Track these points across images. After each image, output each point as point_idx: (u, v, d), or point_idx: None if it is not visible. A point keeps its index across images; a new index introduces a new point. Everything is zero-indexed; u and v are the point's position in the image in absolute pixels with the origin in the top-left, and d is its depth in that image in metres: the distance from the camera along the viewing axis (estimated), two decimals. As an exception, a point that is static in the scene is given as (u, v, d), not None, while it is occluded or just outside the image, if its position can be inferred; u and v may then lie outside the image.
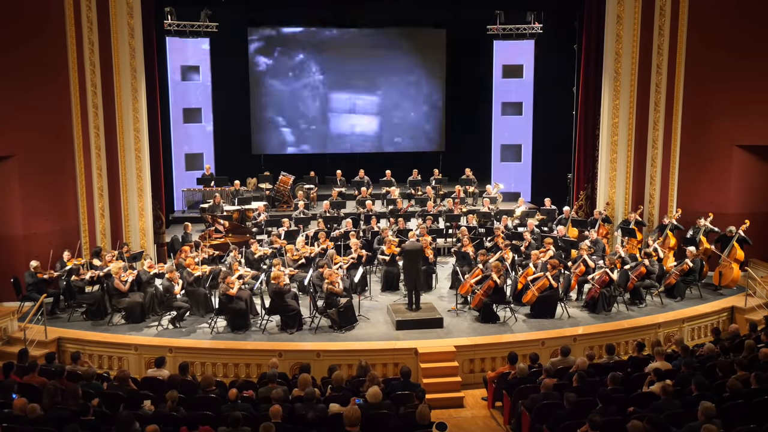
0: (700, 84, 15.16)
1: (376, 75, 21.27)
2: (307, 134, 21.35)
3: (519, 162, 20.56)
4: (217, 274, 12.66)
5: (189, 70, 19.58)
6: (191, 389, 8.98)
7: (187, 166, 19.63)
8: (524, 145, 20.49)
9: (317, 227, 15.67)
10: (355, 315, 12.32)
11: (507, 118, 20.60)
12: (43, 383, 8.70)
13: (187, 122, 19.66)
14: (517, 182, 20.33)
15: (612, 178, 16.08)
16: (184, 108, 19.56)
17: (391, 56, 21.19)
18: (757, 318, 12.14)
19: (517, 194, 19.18)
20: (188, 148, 19.71)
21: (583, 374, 8.95)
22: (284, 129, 21.22)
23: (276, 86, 20.94)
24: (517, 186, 20.16)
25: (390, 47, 21.15)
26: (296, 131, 21.29)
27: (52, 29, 13.70)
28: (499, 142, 20.69)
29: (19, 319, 12.30)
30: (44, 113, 13.68)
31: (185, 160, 19.60)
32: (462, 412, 10.47)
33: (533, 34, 19.89)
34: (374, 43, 21.09)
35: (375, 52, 21.11)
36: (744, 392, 8.18)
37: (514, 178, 20.37)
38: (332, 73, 21.12)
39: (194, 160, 19.76)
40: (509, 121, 20.57)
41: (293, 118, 21.20)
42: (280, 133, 21.22)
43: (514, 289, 13.13)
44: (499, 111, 20.59)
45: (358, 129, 21.51)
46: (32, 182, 13.65)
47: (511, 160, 20.61)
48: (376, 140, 21.61)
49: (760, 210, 15.09)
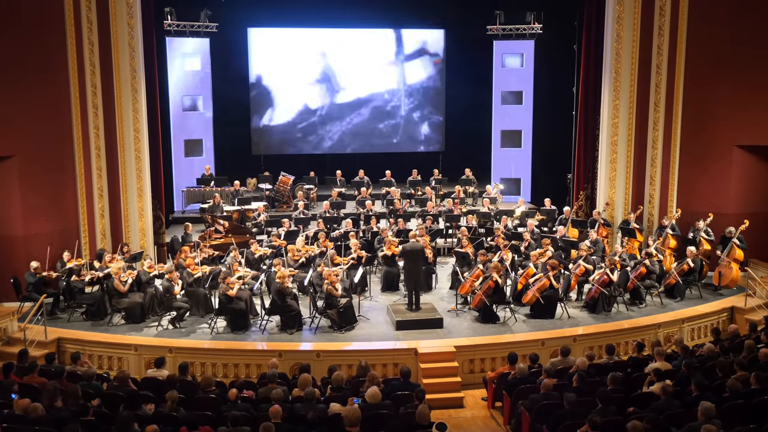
0: (700, 84, 15.15)
1: (376, 75, 21.25)
2: (307, 134, 21.33)
3: (518, 161, 20.55)
4: (217, 275, 12.66)
5: (189, 70, 19.57)
6: (191, 389, 8.98)
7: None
8: (524, 145, 20.48)
9: (317, 227, 15.67)
10: (355, 315, 12.32)
11: (507, 118, 20.58)
12: (43, 383, 8.70)
13: (187, 121, 19.65)
14: (517, 175, 20.35)
15: (612, 178, 16.07)
16: (184, 109, 19.56)
17: (391, 56, 21.20)
18: (757, 318, 12.13)
19: (517, 181, 19.11)
20: (188, 147, 19.70)
21: (583, 374, 8.95)
22: (284, 129, 21.20)
23: (276, 86, 20.93)
24: (516, 184, 20.16)
25: (390, 47, 21.16)
26: (296, 131, 21.28)
27: (52, 30, 13.69)
28: (499, 142, 20.69)
29: (19, 319, 12.30)
30: (44, 113, 13.67)
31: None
32: (462, 412, 10.47)
33: (533, 34, 19.89)
34: (374, 43, 21.10)
35: (375, 51, 21.12)
36: (744, 392, 8.18)
37: (513, 172, 20.41)
38: (332, 73, 21.10)
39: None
40: (509, 121, 20.56)
41: (293, 118, 21.19)
42: (280, 133, 21.21)
43: (514, 289, 13.13)
44: (500, 111, 20.58)
45: (358, 129, 21.51)
46: (32, 182, 13.64)
47: (511, 159, 20.58)
48: (376, 140, 21.60)
49: (760, 210, 15.08)
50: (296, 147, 21.38)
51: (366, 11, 19.77)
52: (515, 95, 20.54)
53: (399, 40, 21.16)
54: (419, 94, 21.56)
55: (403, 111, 21.58)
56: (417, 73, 21.40)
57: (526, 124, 20.38)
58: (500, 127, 20.63)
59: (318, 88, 21.15)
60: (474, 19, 20.16)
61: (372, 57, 21.13)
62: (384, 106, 21.50)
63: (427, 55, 21.36)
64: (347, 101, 21.32)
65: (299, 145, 21.37)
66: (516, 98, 20.53)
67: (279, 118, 21.10)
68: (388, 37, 21.12)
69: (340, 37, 20.96)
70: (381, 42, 21.12)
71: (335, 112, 21.32)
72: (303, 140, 21.36)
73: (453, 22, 20.86)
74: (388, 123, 21.58)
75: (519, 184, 20.35)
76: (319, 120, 21.32)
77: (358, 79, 21.20)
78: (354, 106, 21.36)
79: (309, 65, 20.97)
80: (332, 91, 21.24)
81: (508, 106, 20.58)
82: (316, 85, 21.13)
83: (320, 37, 20.86)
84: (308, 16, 19.91)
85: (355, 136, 21.53)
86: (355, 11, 19.70)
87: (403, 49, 21.23)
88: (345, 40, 21.02)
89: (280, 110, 21.08)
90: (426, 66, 21.38)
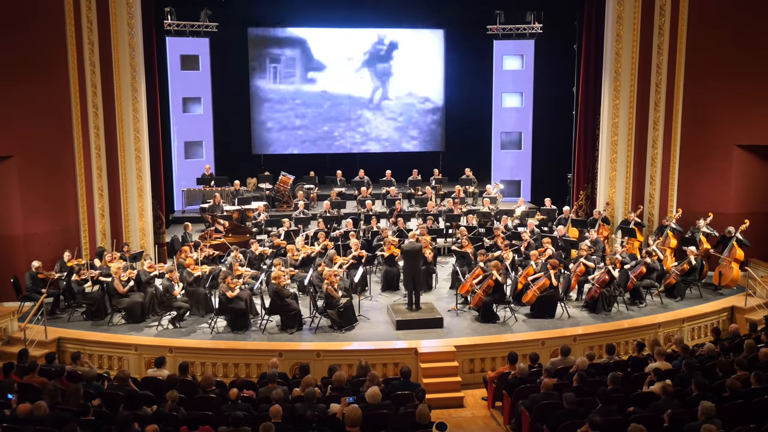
0: (700, 84, 15.16)
1: (376, 75, 21.26)
2: (307, 134, 21.33)
3: (518, 162, 20.55)
4: (217, 274, 12.66)
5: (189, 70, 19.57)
6: (191, 389, 8.98)
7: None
8: (524, 145, 20.48)
9: (317, 227, 15.67)
10: (355, 315, 12.32)
11: (507, 118, 20.58)
12: (43, 383, 8.70)
13: (187, 121, 19.65)
14: (517, 176, 20.37)
15: (612, 177, 16.08)
16: (184, 109, 19.54)
17: (391, 56, 21.20)
18: (757, 318, 12.14)
19: (518, 182, 19.12)
20: (188, 148, 19.69)
21: (583, 374, 8.95)
22: (284, 129, 21.20)
23: (276, 86, 20.93)
24: (517, 185, 20.16)
25: (390, 47, 21.16)
26: (296, 131, 21.27)
27: (52, 30, 13.70)
28: (499, 142, 20.69)
29: (19, 319, 12.30)
30: (44, 113, 13.68)
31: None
32: (462, 412, 10.47)
33: (533, 34, 19.89)
34: (374, 42, 21.09)
35: (375, 51, 21.11)
36: (744, 392, 8.18)
37: (513, 172, 20.43)
38: (332, 73, 21.10)
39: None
40: (509, 121, 20.56)
41: (293, 117, 21.18)
42: (280, 132, 21.21)
43: (514, 289, 13.13)
44: (500, 111, 20.59)
45: (358, 129, 21.51)
46: (32, 182, 13.65)
47: (511, 159, 20.61)
48: (377, 140, 21.61)
49: (760, 210, 15.08)
50: (296, 147, 21.38)
51: (366, 11, 19.77)
52: (515, 105, 20.53)
53: (399, 39, 21.15)
54: (419, 94, 21.54)
55: (403, 111, 21.57)
56: (417, 73, 21.38)
57: (526, 124, 20.37)
58: (500, 127, 20.61)
59: (318, 88, 21.14)
60: (474, 19, 20.15)
61: (372, 57, 21.11)
62: (384, 105, 21.49)
63: (428, 55, 21.34)
64: (347, 101, 21.31)
65: (299, 144, 21.37)
66: (516, 108, 20.52)
67: (279, 117, 21.09)
68: (388, 36, 21.10)
69: (341, 36, 20.96)
70: (381, 42, 21.10)
71: (335, 112, 21.31)
72: (303, 140, 21.36)
73: (453, 22, 20.85)
74: (388, 123, 21.58)
75: (519, 185, 20.34)
76: (320, 120, 21.31)
77: (358, 79, 21.20)
78: (354, 105, 21.36)
79: (309, 65, 20.96)
80: (332, 90, 21.22)
81: (508, 106, 20.56)
82: (316, 85, 21.12)
83: (320, 37, 20.85)
84: (307, 16, 19.91)
85: (355, 135, 21.52)
86: (355, 11, 19.70)
87: (403, 49, 21.22)
88: (345, 40, 21.01)
89: (281, 110, 21.07)
90: (426, 66, 21.36)
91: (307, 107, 21.21)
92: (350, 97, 21.30)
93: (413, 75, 21.38)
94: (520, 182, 20.38)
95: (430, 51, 21.35)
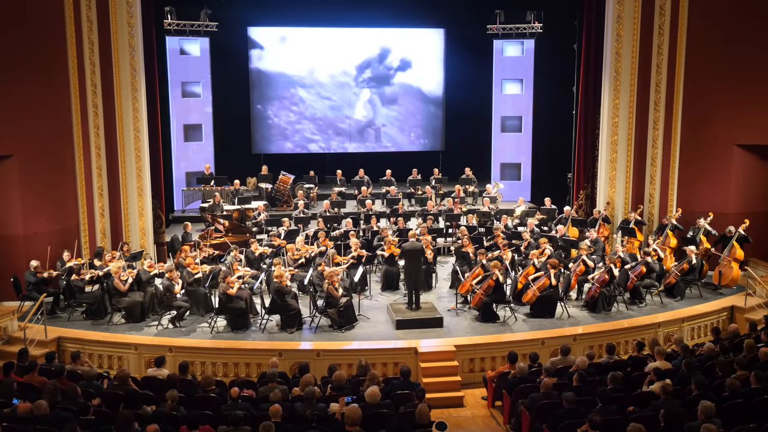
0: (700, 83, 15.16)
1: (376, 74, 21.26)
2: (307, 133, 21.33)
3: (519, 161, 20.55)
4: (217, 274, 12.66)
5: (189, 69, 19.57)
6: (191, 389, 8.98)
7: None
8: (524, 144, 20.48)
9: (317, 227, 15.67)
10: (355, 315, 12.33)
11: (507, 118, 20.58)
12: (43, 383, 8.70)
13: (188, 122, 19.64)
14: (517, 183, 20.36)
15: (612, 177, 16.08)
16: (184, 108, 19.53)
17: (391, 56, 21.20)
18: (757, 317, 12.14)
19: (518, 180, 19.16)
20: (188, 148, 19.70)
21: (583, 374, 8.95)
22: (284, 128, 21.21)
23: (276, 86, 20.93)
24: (516, 187, 20.15)
25: (390, 47, 21.16)
26: (296, 131, 21.27)
27: (52, 29, 13.69)
28: (499, 141, 20.70)
29: (19, 318, 12.31)
30: (44, 113, 13.67)
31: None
32: (462, 411, 10.47)
33: (533, 33, 19.89)
34: (374, 42, 21.10)
35: (375, 51, 21.11)
36: (744, 392, 8.18)
37: (512, 174, 20.43)
38: (332, 73, 21.11)
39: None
40: (509, 121, 20.55)
41: (293, 117, 21.19)
42: (280, 132, 21.21)
43: (514, 288, 13.13)
44: (499, 111, 20.58)
45: (358, 128, 21.51)
46: (32, 182, 13.65)
47: (511, 160, 20.60)
48: (376, 140, 21.61)
49: (760, 210, 15.09)
50: (296, 146, 21.38)
51: (366, 11, 19.77)
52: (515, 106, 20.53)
53: (399, 39, 21.15)
54: (419, 93, 21.54)
55: (403, 110, 21.57)
56: (417, 73, 21.38)
57: (526, 124, 20.36)
58: (501, 124, 20.61)
59: (318, 88, 21.14)
60: (474, 19, 20.15)
61: (372, 57, 21.12)
62: (383, 105, 21.49)
63: (428, 55, 21.34)
64: (347, 101, 21.31)
65: (299, 144, 21.37)
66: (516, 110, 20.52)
67: (279, 117, 21.10)
68: (388, 36, 21.10)
69: (340, 36, 20.96)
70: (381, 41, 21.11)
71: (335, 112, 21.32)
72: (303, 140, 21.36)
73: (453, 22, 20.85)
74: (388, 122, 21.57)
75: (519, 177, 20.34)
76: (320, 119, 21.31)
77: (358, 78, 21.19)
78: (354, 105, 21.35)
79: (309, 65, 20.96)
80: (332, 90, 21.23)
81: (508, 106, 20.57)
82: (316, 85, 21.12)
83: (320, 37, 20.85)
84: (307, 16, 19.90)
85: (355, 135, 21.53)
86: (355, 11, 19.69)
87: (404, 48, 21.22)
88: (345, 40, 21.01)
89: (281, 110, 21.08)
90: (426, 65, 21.36)
91: (308, 106, 21.21)
92: (350, 97, 21.30)
93: (413, 75, 21.39)
94: (520, 172, 20.32)
95: (431, 51, 21.36)
